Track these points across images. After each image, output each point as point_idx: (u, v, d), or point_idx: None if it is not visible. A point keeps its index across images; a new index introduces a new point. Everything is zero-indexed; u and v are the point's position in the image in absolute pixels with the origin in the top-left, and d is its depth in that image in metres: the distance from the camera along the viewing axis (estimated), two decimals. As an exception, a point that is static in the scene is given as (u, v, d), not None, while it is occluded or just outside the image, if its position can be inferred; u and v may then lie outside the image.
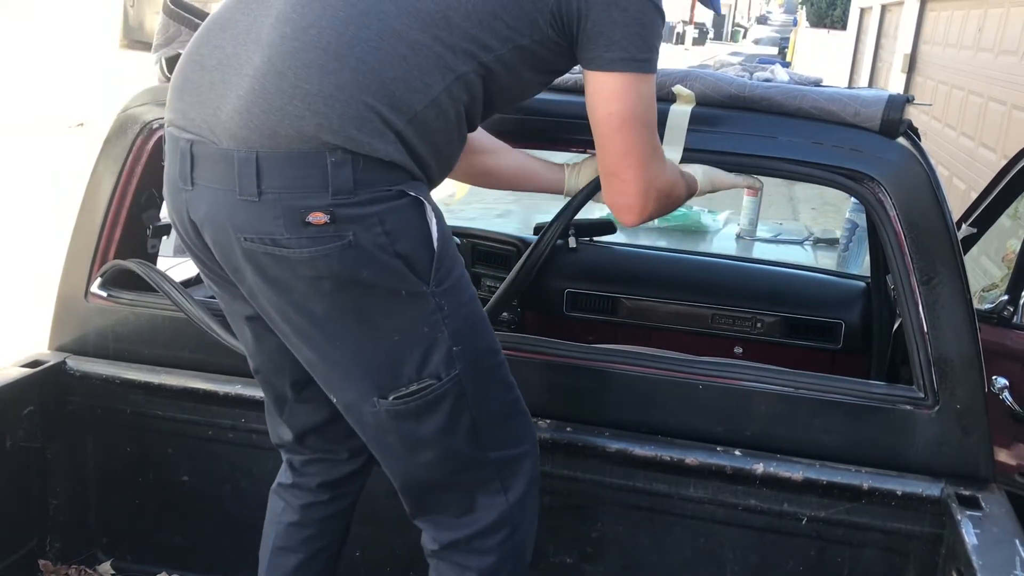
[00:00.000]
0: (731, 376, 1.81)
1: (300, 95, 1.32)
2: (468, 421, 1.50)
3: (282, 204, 1.33)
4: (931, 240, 1.69)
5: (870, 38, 13.71)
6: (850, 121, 1.74)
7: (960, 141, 7.28)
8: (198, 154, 1.38)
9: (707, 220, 5.11)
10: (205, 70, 1.41)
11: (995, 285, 3.08)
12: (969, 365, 1.70)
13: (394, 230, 1.36)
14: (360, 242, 1.34)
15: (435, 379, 1.44)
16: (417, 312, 1.42)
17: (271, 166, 1.32)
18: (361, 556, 2.02)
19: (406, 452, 1.52)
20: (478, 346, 1.50)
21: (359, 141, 1.33)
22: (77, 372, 2.04)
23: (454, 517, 1.58)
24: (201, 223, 1.42)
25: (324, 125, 1.32)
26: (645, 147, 1.52)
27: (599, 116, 1.49)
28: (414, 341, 1.43)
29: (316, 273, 1.36)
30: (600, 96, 1.48)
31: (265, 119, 1.32)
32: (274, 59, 1.34)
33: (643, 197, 1.55)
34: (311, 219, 1.32)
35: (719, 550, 1.84)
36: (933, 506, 1.69)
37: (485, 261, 2.85)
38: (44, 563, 2.11)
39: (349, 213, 1.33)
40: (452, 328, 1.44)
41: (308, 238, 1.33)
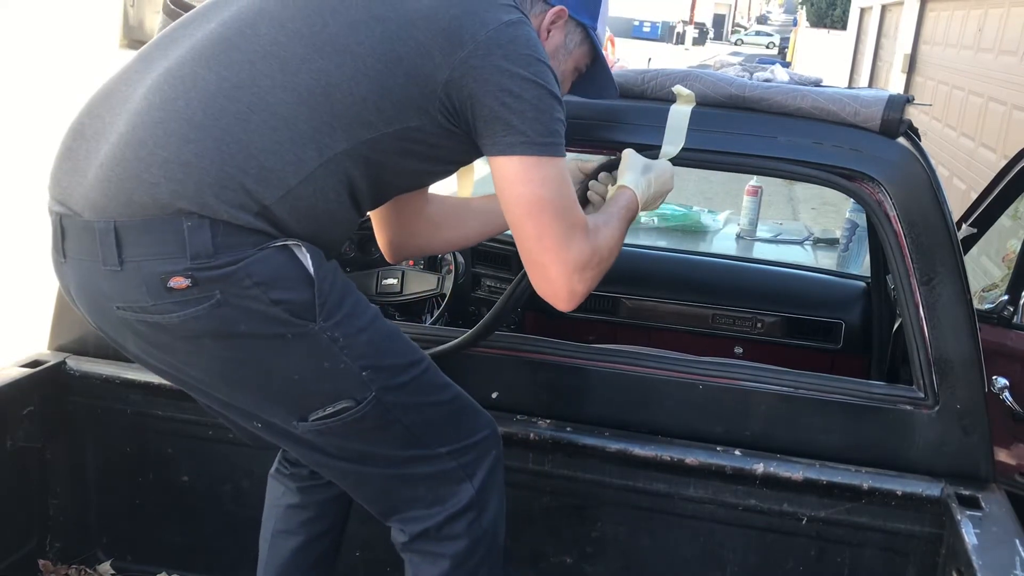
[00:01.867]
0: (731, 376, 1.81)
1: (158, 163, 1.31)
2: (401, 430, 1.49)
3: (142, 272, 1.32)
4: (931, 240, 1.69)
5: (870, 38, 13.71)
6: (850, 121, 1.74)
7: (960, 141, 7.28)
8: (67, 227, 1.39)
9: (707, 220, 5.10)
10: (84, 139, 1.41)
11: (995, 285, 3.08)
12: (969, 365, 1.70)
13: (265, 280, 1.33)
14: (229, 300, 1.32)
15: (352, 401, 1.43)
16: (310, 351, 1.39)
17: (129, 234, 1.32)
18: (361, 556, 2.02)
19: (344, 467, 1.53)
20: (390, 365, 1.47)
21: (216, 209, 1.30)
22: (77, 372, 2.04)
23: (421, 510, 1.57)
24: (76, 295, 1.43)
25: (179, 192, 1.30)
26: (559, 229, 1.44)
27: (505, 201, 1.45)
28: (317, 377, 1.41)
29: (193, 334, 1.35)
30: (505, 181, 1.44)
31: (121, 187, 1.32)
32: (137, 127, 1.34)
33: (568, 281, 1.47)
34: (172, 284, 1.31)
35: (719, 550, 1.84)
36: (933, 506, 1.69)
37: (485, 261, 2.85)
38: (44, 563, 2.11)
39: (210, 275, 1.31)
40: (354, 356, 1.41)
41: (173, 302, 1.32)
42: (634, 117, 1.81)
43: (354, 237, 2.88)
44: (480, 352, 1.90)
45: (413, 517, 1.58)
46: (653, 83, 1.84)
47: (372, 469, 1.54)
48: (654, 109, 1.80)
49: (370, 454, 1.51)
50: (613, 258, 1.56)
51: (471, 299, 2.87)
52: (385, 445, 1.50)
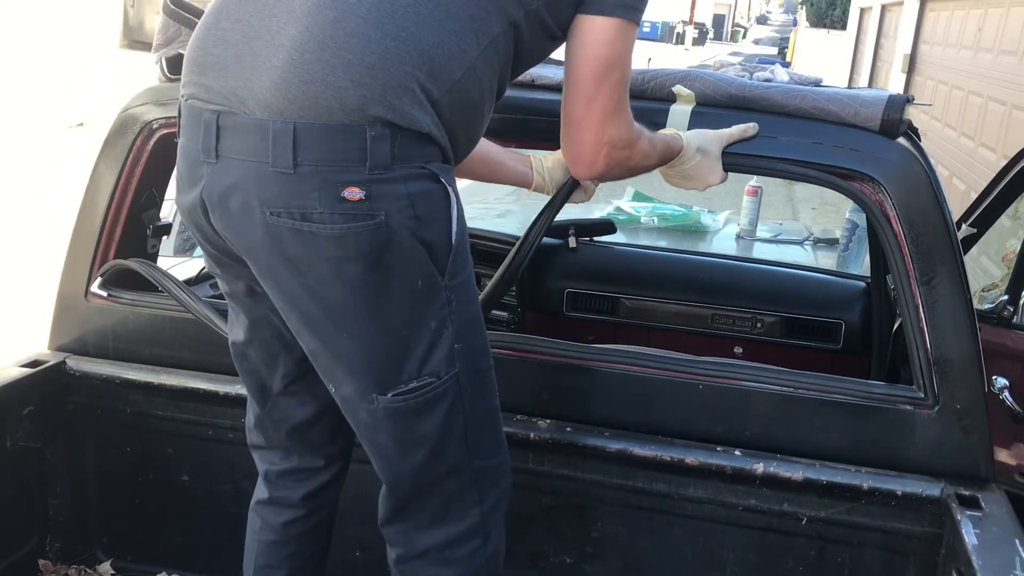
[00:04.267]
0: (731, 376, 1.81)
1: (342, 65, 1.29)
2: (461, 423, 1.49)
3: (319, 177, 1.29)
4: (931, 240, 1.69)
5: (870, 38, 13.71)
6: (850, 121, 1.74)
7: (960, 141, 7.28)
8: (226, 125, 1.34)
9: (707, 220, 5.10)
10: (229, 44, 1.37)
11: (995, 285, 3.08)
12: (969, 365, 1.70)
13: (423, 215, 1.34)
14: (390, 223, 1.32)
15: (435, 377, 1.43)
16: (429, 305, 1.40)
17: (309, 138, 1.29)
18: (361, 556, 2.02)
19: (398, 452, 1.50)
20: (476, 346, 1.49)
21: (401, 112, 1.30)
22: (77, 372, 2.04)
23: (428, 524, 1.55)
24: (221, 197, 1.37)
25: (367, 96, 1.29)
26: (612, 100, 1.49)
27: (582, 58, 1.47)
28: (421, 335, 1.41)
29: (343, 253, 1.33)
30: (590, 39, 1.46)
31: (305, 89, 1.29)
32: (312, 29, 1.31)
33: (594, 149, 1.51)
34: (347, 194, 1.29)
35: (719, 550, 1.84)
36: (933, 506, 1.69)
37: (485, 261, 2.85)
38: (44, 563, 2.11)
39: (384, 190, 1.31)
40: (457, 325, 1.43)
41: (342, 214, 1.30)
42: (634, 117, 1.81)
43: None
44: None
45: (416, 531, 1.56)
46: (653, 83, 1.84)
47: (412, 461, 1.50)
48: (654, 109, 1.80)
49: (424, 444, 1.48)
50: (639, 164, 1.62)
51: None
52: (444, 438, 1.48)
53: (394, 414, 1.45)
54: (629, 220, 5.01)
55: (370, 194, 1.30)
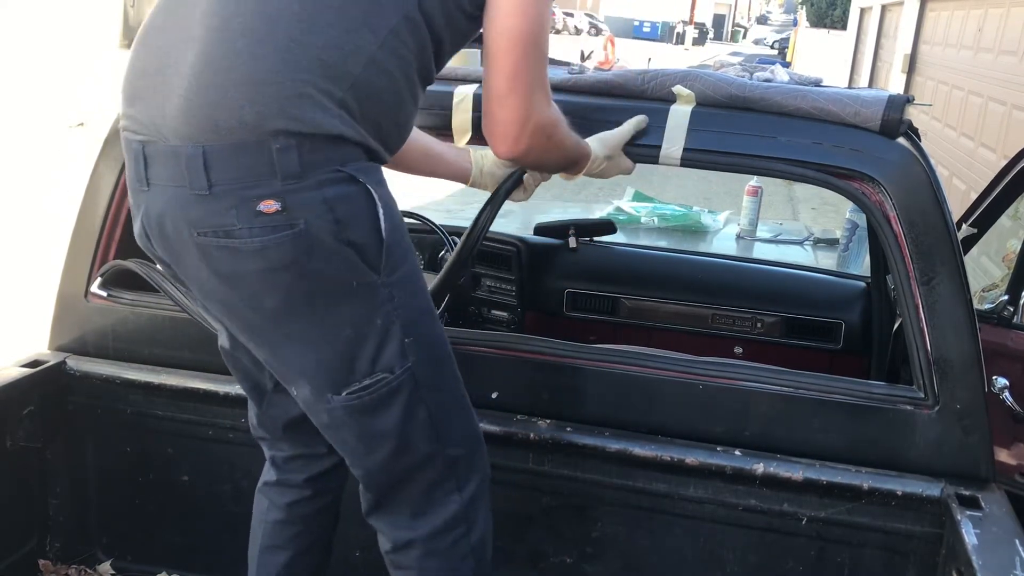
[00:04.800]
0: (731, 376, 1.81)
1: (235, 85, 1.33)
2: (424, 413, 1.50)
3: (234, 195, 1.33)
4: (931, 240, 1.69)
5: (870, 38, 13.71)
6: (850, 121, 1.74)
7: (960, 141, 7.28)
8: (150, 154, 1.39)
9: (707, 220, 5.10)
10: (147, 74, 1.42)
11: (995, 285, 3.08)
12: (969, 365, 1.70)
13: (344, 218, 1.36)
14: (311, 230, 1.34)
15: (388, 372, 1.45)
16: (368, 304, 1.42)
17: (218, 159, 1.33)
18: (361, 556, 2.02)
19: (363, 448, 1.53)
20: (429, 336, 1.50)
21: (302, 120, 1.33)
22: (77, 372, 2.04)
23: (409, 516, 1.57)
24: (157, 223, 1.42)
25: (263, 112, 1.32)
26: (533, 73, 1.48)
27: (496, 32, 1.47)
28: (366, 334, 1.43)
29: (268, 264, 1.36)
30: (501, 10, 1.46)
31: (205, 113, 1.33)
32: (206, 53, 1.35)
33: (520, 126, 1.50)
34: (262, 207, 1.32)
35: (719, 550, 1.84)
36: (933, 506, 1.69)
37: (485, 261, 2.85)
38: (44, 563, 2.11)
39: (300, 199, 1.33)
40: (404, 319, 1.44)
41: (260, 227, 1.33)
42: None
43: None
44: (480, 352, 1.90)
45: (399, 523, 1.58)
46: (653, 83, 1.84)
47: (379, 455, 1.53)
48: (654, 109, 1.80)
49: (389, 438, 1.50)
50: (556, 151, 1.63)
51: (471, 299, 2.87)
52: (407, 430, 1.50)
53: (352, 412, 1.47)
54: (629, 220, 5.02)
55: (286, 204, 1.33)
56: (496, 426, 1.83)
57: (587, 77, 1.92)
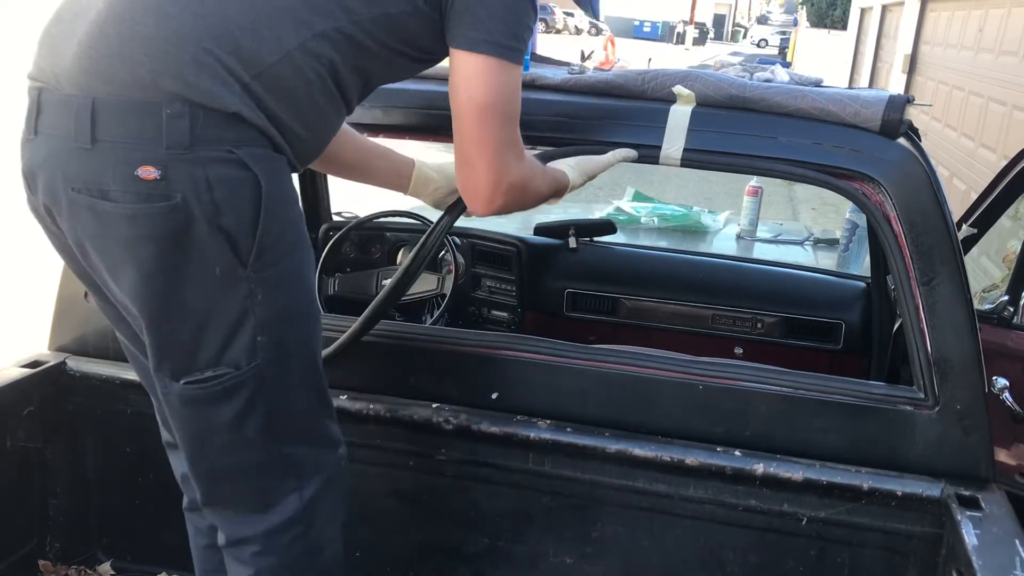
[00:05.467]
0: (731, 376, 1.81)
1: (137, 39, 1.28)
2: (263, 414, 1.45)
3: (115, 154, 1.28)
4: (931, 241, 1.69)
5: (870, 38, 13.71)
6: (850, 121, 1.74)
7: (960, 142, 7.28)
8: (44, 102, 1.35)
9: (707, 220, 5.11)
10: (61, 22, 1.38)
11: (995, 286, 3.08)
12: (969, 365, 1.70)
13: (222, 201, 1.30)
14: (187, 206, 1.29)
15: (233, 367, 1.39)
16: (227, 294, 1.36)
17: (107, 113, 1.28)
18: (361, 556, 2.02)
19: (193, 438, 1.47)
20: (289, 339, 1.45)
21: (197, 87, 1.27)
22: (77, 372, 2.04)
23: (244, 512, 1.52)
24: (32, 172, 1.37)
25: (159, 70, 1.27)
26: (501, 138, 1.46)
27: (459, 99, 1.44)
28: (218, 324, 1.37)
29: (134, 232, 1.30)
30: (461, 77, 1.43)
31: (102, 63, 1.28)
32: (115, 4, 1.31)
33: (492, 189, 1.48)
34: (141, 173, 1.27)
35: (719, 550, 1.84)
36: (933, 506, 1.69)
37: (485, 261, 2.85)
38: (44, 563, 2.11)
39: (181, 171, 1.27)
40: (261, 317, 1.39)
41: (135, 193, 1.28)
42: (634, 117, 1.81)
43: (354, 237, 2.88)
44: (480, 352, 1.90)
45: (234, 518, 1.53)
46: (653, 83, 1.84)
47: (209, 448, 1.47)
48: (654, 109, 1.80)
49: (222, 432, 1.45)
50: (532, 201, 1.61)
51: (471, 299, 2.87)
52: (242, 427, 1.44)
53: (187, 401, 1.42)
54: (629, 220, 5.03)
55: (166, 174, 1.27)
56: (496, 426, 1.83)
57: (587, 77, 1.92)
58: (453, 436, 1.86)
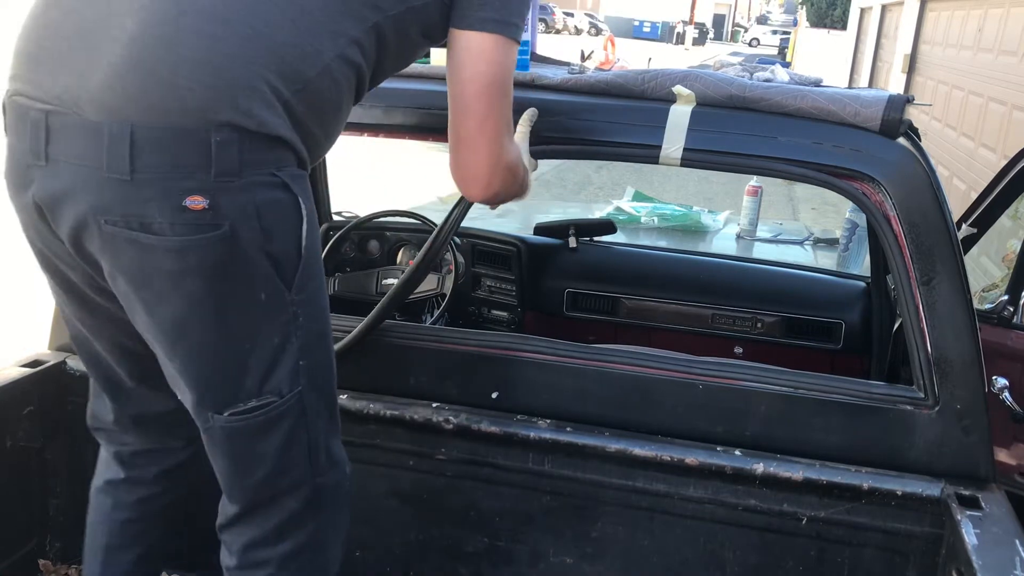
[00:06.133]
0: (731, 376, 1.81)
1: (186, 65, 1.21)
2: (304, 441, 1.43)
3: (159, 184, 1.21)
4: (931, 240, 1.69)
5: (870, 38, 13.71)
6: (850, 121, 1.74)
7: (960, 141, 7.28)
8: (55, 126, 1.24)
9: (707, 220, 5.11)
10: (61, 37, 1.28)
11: (995, 285, 3.08)
12: (969, 365, 1.70)
13: (270, 226, 1.28)
14: (236, 234, 1.25)
15: (277, 395, 1.36)
16: (273, 320, 1.33)
17: (148, 141, 1.20)
18: (361, 556, 2.02)
19: (236, 469, 1.44)
20: (322, 361, 1.43)
21: (251, 115, 1.23)
22: (77, 372, 2.04)
23: (268, 536, 1.50)
24: (53, 203, 1.28)
25: (214, 99, 1.21)
26: (502, 116, 1.45)
27: (465, 78, 1.42)
28: (263, 352, 1.34)
29: (183, 266, 1.25)
30: (468, 57, 1.41)
31: (144, 88, 1.20)
32: (151, 23, 1.22)
33: (492, 170, 1.46)
34: (189, 203, 1.21)
35: (719, 550, 1.84)
36: (933, 506, 1.69)
37: (485, 261, 2.85)
38: (44, 563, 2.11)
39: (230, 199, 1.23)
40: (302, 341, 1.37)
41: (183, 224, 1.22)
42: (634, 117, 1.81)
43: (354, 237, 2.88)
44: (480, 352, 1.90)
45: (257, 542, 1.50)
46: (653, 83, 1.84)
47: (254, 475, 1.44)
48: (654, 109, 1.80)
49: (264, 463, 1.42)
50: (518, 190, 1.60)
51: (471, 299, 2.87)
52: (285, 456, 1.42)
53: (232, 434, 1.39)
54: (629, 220, 5.03)
55: (214, 203, 1.22)
56: (496, 426, 1.83)
57: (587, 77, 1.92)
58: (453, 436, 1.86)
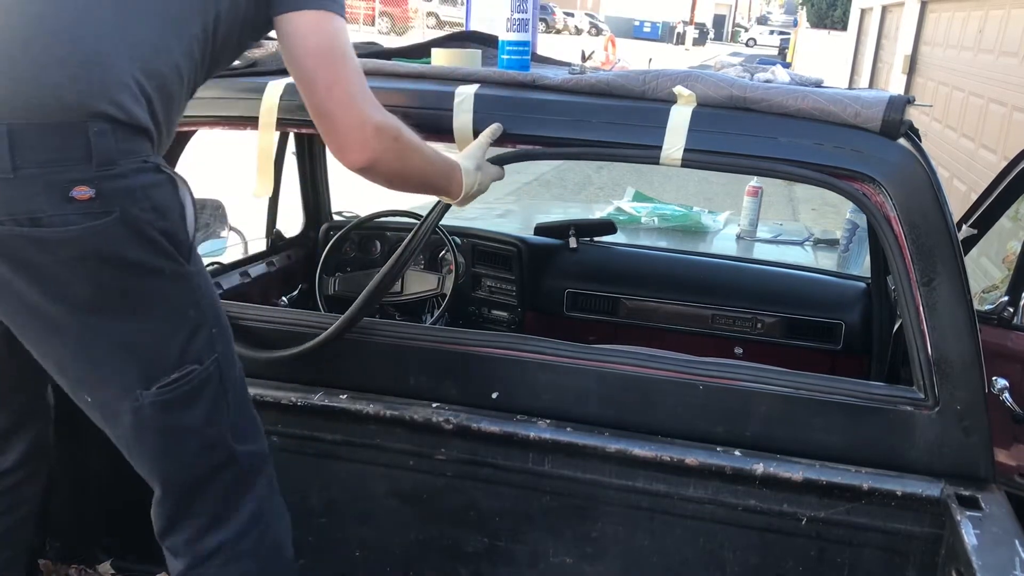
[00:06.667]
0: (731, 376, 1.81)
1: (55, 63, 1.25)
2: (225, 408, 1.48)
3: (43, 179, 1.25)
4: (932, 241, 1.69)
5: (870, 39, 13.72)
6: (851, 122, 1.74)
7: (961, 143, 7.28)
8: None
9: (707, 220, 5.11)
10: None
11: (995, 287, 3.09)
12: (969, 366, 1.70)
13: (159, 206, 1.34)
14: (127, 217, 1.30)
15: (197, 363, 1.43)
16: (181, 293, 1.40)
17: (26, 139, 1.24)
18: (361, 556, 2.02)
19: (168, 447, 1.48)
20: (226, 329, 1.50)
21: (121, 106, 1.29)
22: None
23: (208, 523, 1.52)
24: None
25: (87, 91, 1.26)
26: (351, 79, 1.46)
27: (299, 55, 1.45)
28: (178, 324, 1.41)
29: (81, 252, 1.29)
30: (296, 36, 1.45)
31: (16, 89, 1.25)
32: (12, 27, 1.27)
33: (359, 131, 1.46)
34: (75, 194, 1.26)
35: (719, 550, 1.84)
36: (933, 506, 1.69)
37: (485, 261, 2.85)
38: (44, 563, 2.11)
39: (115, 185, 1.29)
40: (207, 310, 1.44)
41: (74, 214, 1.27)
42: (635, 118, 1.81)
43: (354, 237, 2.88)
44: (480, 352, 1.90)
45: (202, 530, 1.52)
46: (654, 84, 1.84)
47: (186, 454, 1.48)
48: (655, 109, 1.80)
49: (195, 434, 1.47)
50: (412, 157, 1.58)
51: (471, 299, 2.87)
52: (212, 425, 1.48)
53: (161, 408, 1.43)
54: (629, 220, 5.02)
55: (100, 191, 1.28)
56: (496, 426, 1.83)
57: (588, 77, 1.92)
58: (453, 436, 1.86)
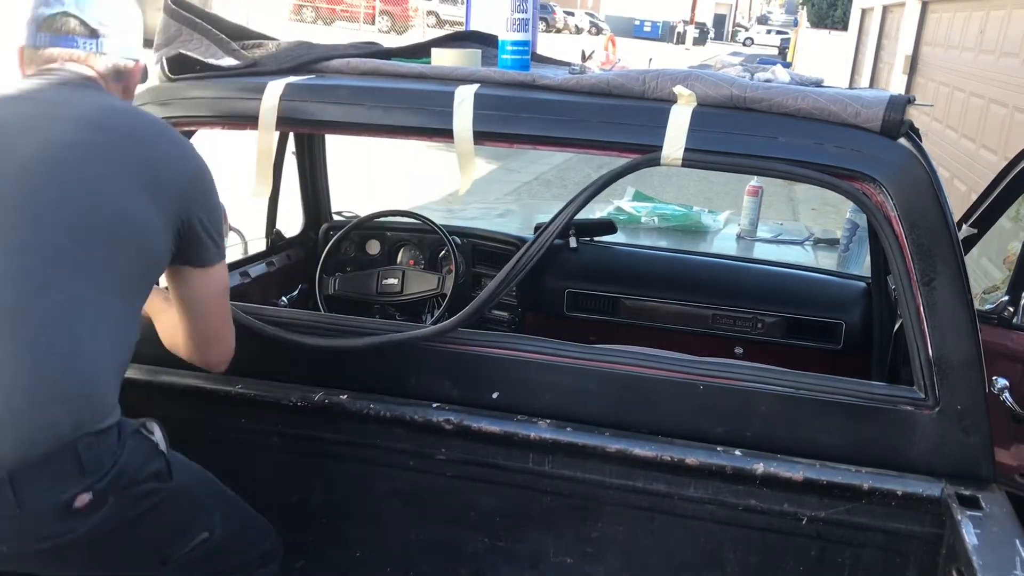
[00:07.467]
0: (732, 376, 1.81)
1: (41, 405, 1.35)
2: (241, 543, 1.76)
3: (47, 505, 1.36)
4: (932, 241, 1.69)
5: (871, 39, 13.72)
6: (851, 122, 1.74)
7: (961, 143, 7.28)
8: None
9: (707, 220, 5.10)
10: None
11: (996, 287, 3.08)
12: (970, 366, 1.70)
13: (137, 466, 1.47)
14: (120, 498, 1.43)
15: (207, 532, 1.64)
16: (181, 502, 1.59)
17: (25, 477, 1.33)
18: (361, 556, 2.02)
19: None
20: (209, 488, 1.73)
21: (105, 418, 1.42)
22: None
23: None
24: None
25: (80, 420, 1.37)
26: (229, 321, 1.76)
27: (204, 299, 1.68)
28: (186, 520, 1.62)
29: (94, 538, 1.43)
30: (209, 285, 1.67)
31: (14, 435, 1.33)
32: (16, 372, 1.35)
33: (228, 359, 1.78)
34: (77, 504, 1.38)
35: (719, 550, 1.84)
36: (933, 506, 1.69)
37: (485, 261, 2.85)
38: (44, 562, 2.12)
39: (107, 481, 1.41)
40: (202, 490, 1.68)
41: (78, 521, 1.39)
42: (635, 117, 1.81)
43: (354, 237, 2.88)
44: (480, 352, 1.90)
45: None
46: (654, 83, 1.84)
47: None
48: (655, 109, 1.80)
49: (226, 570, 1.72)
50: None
51: (471, 299, 2.86)
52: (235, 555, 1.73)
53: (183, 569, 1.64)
54: (629, 220, 5.02)
55: (96, 491, 1.40)
56: (496, 426, 1.83)
57: (588, 77, 1.92)
58: (453, 436, 1.86)
